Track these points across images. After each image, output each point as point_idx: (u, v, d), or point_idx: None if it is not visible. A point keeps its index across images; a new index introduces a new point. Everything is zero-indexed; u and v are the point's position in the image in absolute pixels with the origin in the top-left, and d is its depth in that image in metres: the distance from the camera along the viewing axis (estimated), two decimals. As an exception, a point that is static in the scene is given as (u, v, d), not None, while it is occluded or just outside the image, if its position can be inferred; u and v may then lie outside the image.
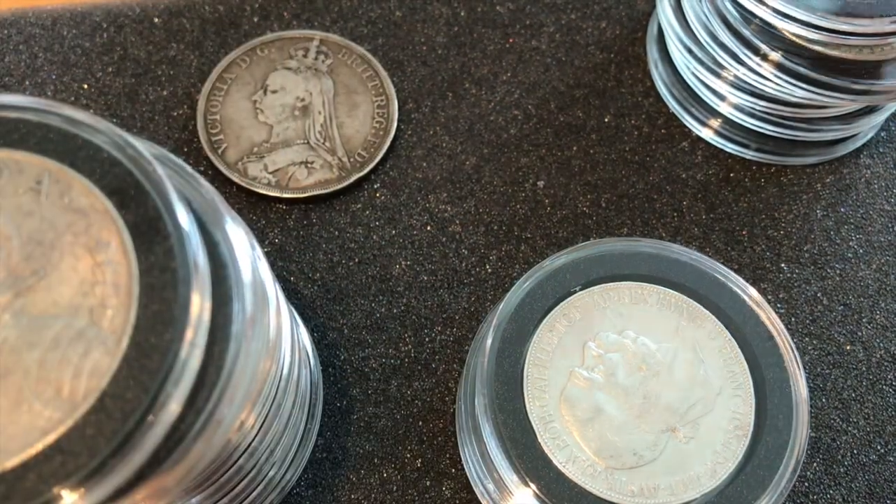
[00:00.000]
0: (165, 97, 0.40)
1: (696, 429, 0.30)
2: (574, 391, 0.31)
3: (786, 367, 0.31)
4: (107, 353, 0.20)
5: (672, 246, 0.33)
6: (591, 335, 0.31)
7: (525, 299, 0.32)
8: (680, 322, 0.32)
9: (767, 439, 0.30)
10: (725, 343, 0.31)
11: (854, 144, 0.40)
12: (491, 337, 0.31)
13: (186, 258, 0.21)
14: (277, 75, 0.40)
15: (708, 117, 0.40)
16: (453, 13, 0.43)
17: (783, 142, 0.40)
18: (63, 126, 0.22)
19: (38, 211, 0.22)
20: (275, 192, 0.38)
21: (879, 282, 0.38)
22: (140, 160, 0.22)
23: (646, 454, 0.30)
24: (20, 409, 0.20)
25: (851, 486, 0.34)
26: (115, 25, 0.42)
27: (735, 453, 0.30)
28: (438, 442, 0.34)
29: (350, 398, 0.34)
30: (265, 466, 0.29)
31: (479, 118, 0.40)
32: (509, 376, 0.31)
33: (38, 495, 0.19)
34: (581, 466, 0.29)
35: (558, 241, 0.38)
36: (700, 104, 0.40)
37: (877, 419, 0.35)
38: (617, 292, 0.32)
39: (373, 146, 0.39)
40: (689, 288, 0.32)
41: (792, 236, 0.38)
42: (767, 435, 0.30)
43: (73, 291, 0.21)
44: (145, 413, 0.20)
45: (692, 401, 0.30)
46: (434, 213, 0.38)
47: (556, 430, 0.30)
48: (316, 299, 0.36)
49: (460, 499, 0.33)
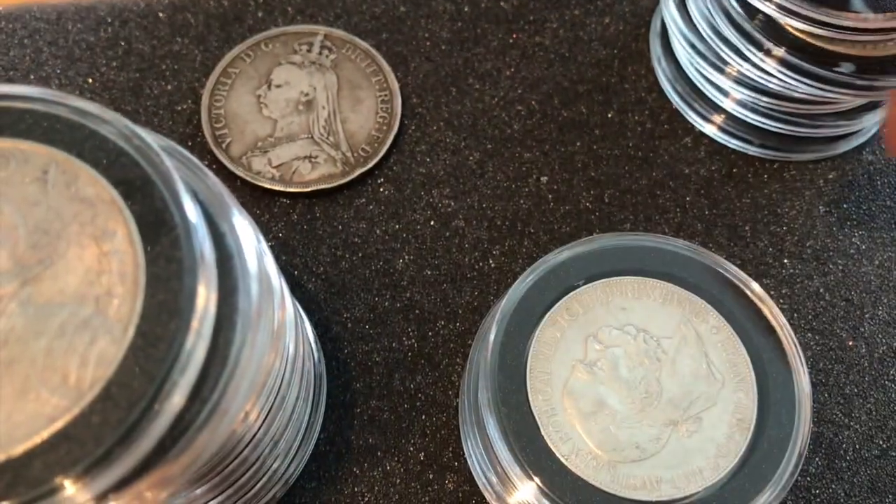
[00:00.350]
0: (170, 92, 0.40)
1: (698, 423, 0.30)
2: (577, 385, 0.31)
3: (788, 361, 0.31)
4: (113, 341, 0.20)
5: (674, 241, 0.33)
6: (594, 329, 0.32)
7: (528, 293, 0.32)
8: (682, 316, 0.32)
9: (770, 433, 0.30)
10: (728, 337, 0.31)
11: (857, 140, 0.40)
12: (494, 331, 0.31)
13: (192, 249, 0.21)
14: (281, 70, 0.40)
15: (711, 113, 0.40)
16: (457, 9, 0.43)
17: (786, 138, 0.40)
18: (70, 116, 0.22)
19: (44, 200, 0.22)
20: (279, 187, 0.38)
21: (882, 277, 0.38)
22: (147, 151, 0.22)
23: (648, 448, 0.30)
24: (27, 397, 0.20)
25: (853, 481, 0.34)
26: (120, 20, 0.42)
27: (738, 447, 0.30)
28: (442, 435, 0.34)
29: (353, 391, 0.35)
30: (269, 458, 0.29)
31: (482, 114, 0.40)
32: (512, 370, 0.31)
33: (43, 483, 0.19)
34: (584, 459, 0.29)
35: (561, 236, 0.38)
36: (703, 100, 0.40)
37: (879, 414, 0.35)
38: (620, 287, 0.32)
39: (376, 141, 0.39)
40: (691, 283, 0.32)
41: (794, 232, 0.38)
42: (770, 429, 0.30)
43: (79, 280, 0.21)
44: (151, 402, 0.20)
45: (695, 395, 0.30)
46: (437, 207, 0.38)
47: (560, 424, 0.30)
48: (320, 293, 0.36)
49: (463, 492, 0.33)
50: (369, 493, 0.33)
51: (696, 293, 0.32)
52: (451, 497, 0.33)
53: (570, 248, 0.33)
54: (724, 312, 0.32)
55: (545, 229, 0.38)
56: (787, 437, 0.30)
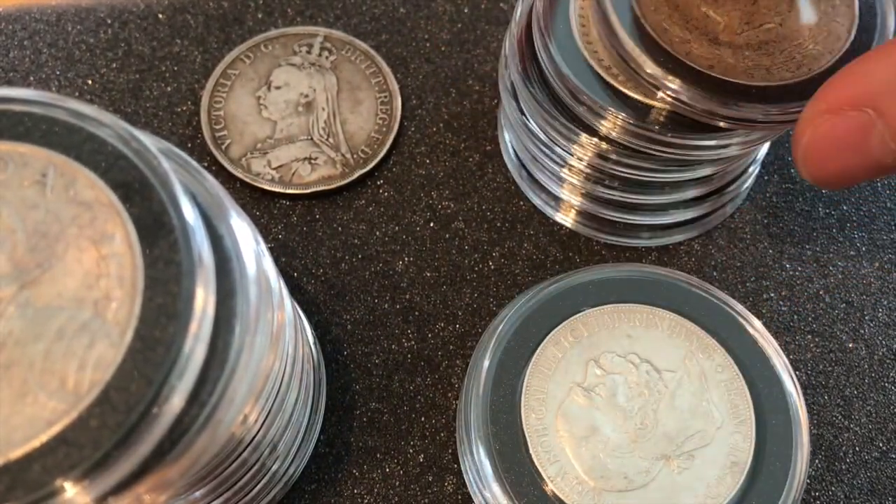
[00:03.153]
0: (169, 93, 0.40)
1: (691, 460, 0.30)
2: (573, 407, 0.30)
3: (790, 412, 0.30)
4: (111, 345, 0.20)
5: (690, 278, 0.33)
6: (597, 354, 0.31)
7: (533, 309, 0.32)
8: (689, 351, 0.31)
9: (763, 482, 0.29)
10: (732, 378, 0.31)
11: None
12: (493, 343, 0.31)
13: (191, 252, 0.21)
14: (281, 71, 0.40)
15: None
16: (457, 10, 0.43)
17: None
18: (68, 119, 0.22)
19: (42, 203, 0.22)
20: (278, 188, 0.38)
21: (882, 279, 0.38)
22: (145, 154, 0.22)
23: (637, 479, 0.29)
24: (25, 401, 0.20)
25: (853, 483, 0.34)
26: (120, 21, 0.42)
27: (728, 490, 0.29)
28: (441, 438, 0.34)
29: (353, 393, 0.35)
30: (269, 461, 0.29)
31: (482, 115, 0.40)
32: (508, 384, 0.31)
33: (41, 486, 0.19)
34: (570, 483, 0.29)
35: (560, 238, 0.38)
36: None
37: (879, 416, 0.35)
38: (628, 314, 0.32)
39: (376, 143, 0.39)
40: (701, 319, 0.32)
41: (794, 234, 0.38)
42: (764, 477, 0.29)
43: (77, 284, 0.21)
44: (149, 406, 0.20)
45: (691, 431, 0.30)
46: (437, 209, 0.38)
47: (549, 444, 0.30)
48: (319, 295, 0.36)
49: (463, 494, 0.33)
50: (369, 495, 0.33)
51: (706, 330, 0.32)
52: (450, 499, 0.33)
53: (585, 272, 0.33)
54: (731, 353, 0.31)
55: (545, 231, 0.38)
56: (779, 489, 0.29)
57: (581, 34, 0.33)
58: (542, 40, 0.32)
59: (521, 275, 0.37)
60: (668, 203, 0.36)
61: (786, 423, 0.30)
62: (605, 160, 0.33)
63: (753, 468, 0.30)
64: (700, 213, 0.37)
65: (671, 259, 0.38)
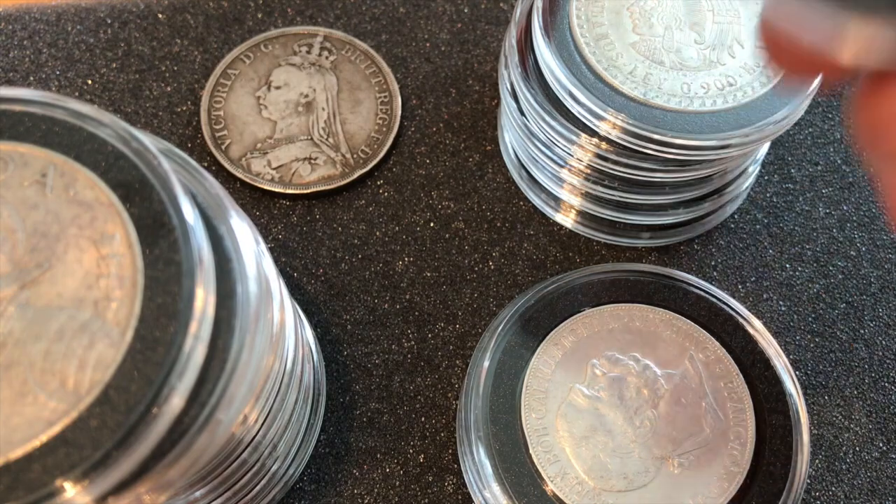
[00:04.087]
0: (169, 93, 0.40)
1: (690, 461, 0.30)
2: (573, 407, 0.30)
3: (790, 414, 0.30)
4: (111, 345, 0.20)
5: (690, 277, 0.33)
6: (598, 354, 0.31)
7: (534, 308, 0.32)
8: (689, 352, 0.31)
9: (761, 484, 0.29)
10: (733, 379, 0.31)
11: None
12: (494, 343, 0.31)
13: (191, 252, 0.21)
14: (281, 71, 0.40)
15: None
16: (457, 10, 0.43)
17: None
18: (68, 119, 0.22)
19: (43, 203, 0.22)
20: (278, 188, 0.38)
21: (882, 279, 0.38)
22: (145, 154, 0.22)
23: (636, 480, 0.29)
24: (25, 401, 0.20)
25: (854, 483, 0.34)
26: (120, 21, 0.42)
27: (726, 492, 0.29)
28: (441, 438, 0.34)
29: (353, 393, 0.35)
30: (269, 461, 0.29)
31: (482, 115, 0.40)
32: (508, 383, 0.31)
33: (41, 486, 0.19)
34: (570, 483, 0.29)
35: (560, 238, 0.38)
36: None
37: (879, 416, 0.35)
38: (628, 314, 0.32)
39: (376, 142, 0.39)
40: (701, 320, 0.32)
41: (795, 234, 0.38)
42: (762, 479, 0.29)
43: (77, 284, 0.21)
44: (149, 406, 0.20)
45: (690, 433, 0.30)
46: (437, 209, 0.38)
47: (549, 444, 0.30)
48: (319, 295, 0.36)
49: (462, 494, 0.33)
50: (368, 496, 0.33)
51: (706, 329, 0.32)
52: (450, 499, 0.33)
53: (585, 272, 0.33)
54: (731, 353, 0.31)
55: (545, 231, 0.38)
56: (778, 491, 0.29)
57: (581, 34, 0.33)
58: (542, 40, 0.32)
59: (521, 275, 0.37)
60: (668, 203, 0.36)
61: (786, 423, 0.30)
62: (604, 160, 0.33)
63: (753, 468, 0.29)
64: (700, 213, 0.37)
65: (671, 259, 0.38)
